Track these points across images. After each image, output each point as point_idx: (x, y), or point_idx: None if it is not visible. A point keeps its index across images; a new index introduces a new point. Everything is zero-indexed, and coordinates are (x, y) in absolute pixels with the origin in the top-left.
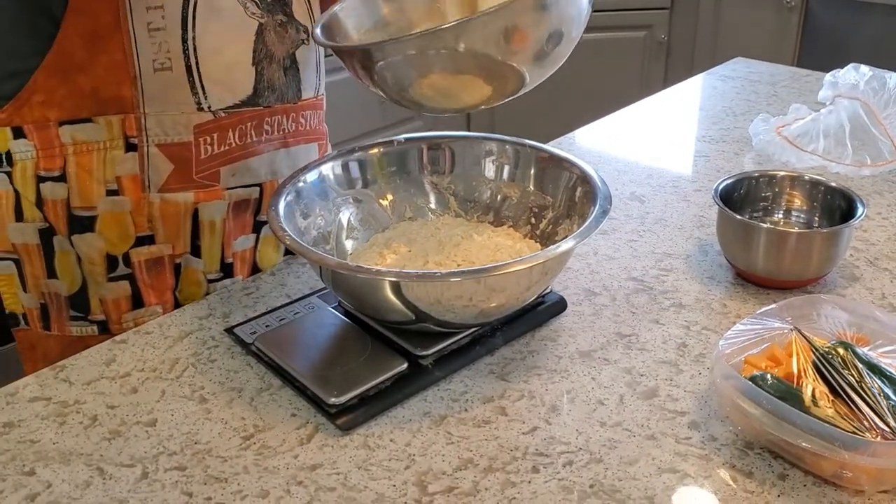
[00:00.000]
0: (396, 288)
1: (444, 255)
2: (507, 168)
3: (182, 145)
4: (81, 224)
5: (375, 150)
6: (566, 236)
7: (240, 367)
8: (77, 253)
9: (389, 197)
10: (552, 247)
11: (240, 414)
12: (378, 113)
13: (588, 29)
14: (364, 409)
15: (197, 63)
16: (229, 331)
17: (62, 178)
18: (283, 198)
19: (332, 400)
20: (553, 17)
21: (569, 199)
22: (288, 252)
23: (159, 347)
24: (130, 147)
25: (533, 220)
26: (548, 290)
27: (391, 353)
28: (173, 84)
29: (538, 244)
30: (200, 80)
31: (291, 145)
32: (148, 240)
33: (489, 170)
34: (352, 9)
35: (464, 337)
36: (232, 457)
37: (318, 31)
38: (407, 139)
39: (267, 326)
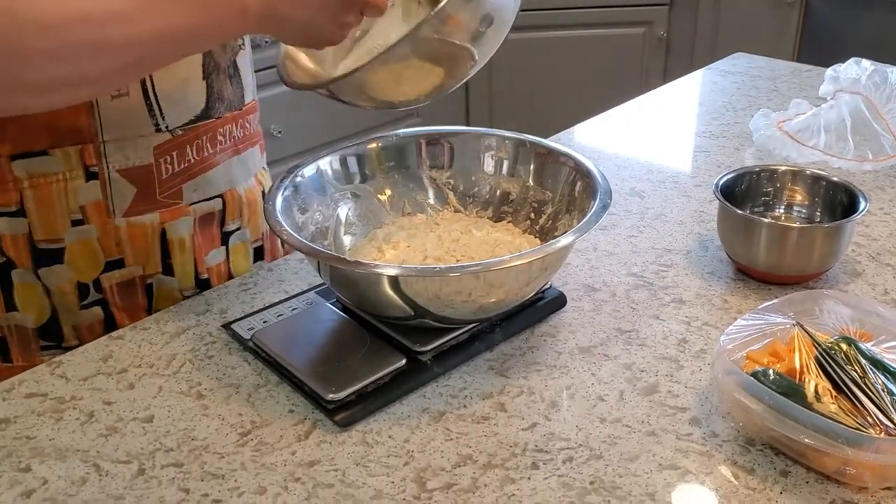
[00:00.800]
0: (395, 283)
1: (442, 250)
2: (506, 163)
3: (143, 168)
4: (49, 257)
5: (374, 145)
6: (566, 231)
7: (237, 363)
8: (45, 285)
9: (388, 192)
10: (552, 242)
11: (237, 410)
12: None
13: (587, 25)
14: (362, 405)
15: (153, 85)
16: (227, 327)
17: (21, 213)
18: (281, 192)
19: (331, 396)
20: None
21: (568, 194)
22: (258, 258)
23: (156, 343)
24: (91, 175)
25: (532, 215)
26: (547, 286)
27: (390, 349)
28: (131, 109)
29: (538, 239)
30: (157, 102)
31: (242, 151)
32: (118, 263)
33: (488, 165)
34: None
35: (463, 333)
36: (229, 453)
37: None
38: (406, 134)
39: (264, 322)
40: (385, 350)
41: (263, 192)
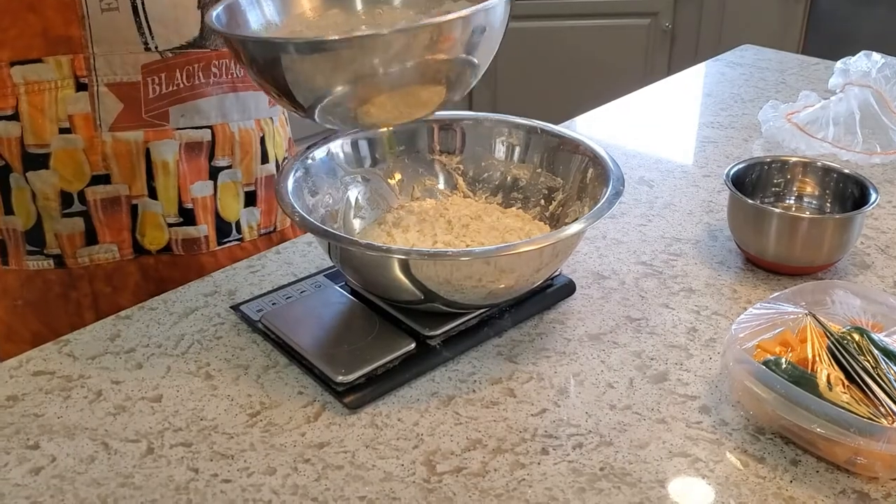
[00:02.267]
0: (406, 266)
1: (452, 235)
2: (517, 149)
3: (130, 85)
4: (36, 161)
5: (385, 129)
6: (576, 218)
7: (246, 344)
8: (32, 189)
9: (398, 176)
10: (564, 228)
11: (246, 391)
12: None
13: (592, 15)
14: (371, 388)
15: (143, 3)
16: (235, 308)
17: (15, 117)
18: (292, 174)
19: (340, 378)
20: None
21: (580, 181)
22: (249, 203)
23: (164, 324)
24: (81, 86)
25: (542, 201)
26: (557, 273)
27: (399, 333)
28: (120, 24)
29: (547, 226)
30: (147, 21)
31: (240, 90)
32: (104, 179)
33: (499, 151)
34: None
35: (472, 318)
36: (238, 434)
37: (214, 14)
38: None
39: (273, 304)
40: (394, 334)
41: (263, 139)
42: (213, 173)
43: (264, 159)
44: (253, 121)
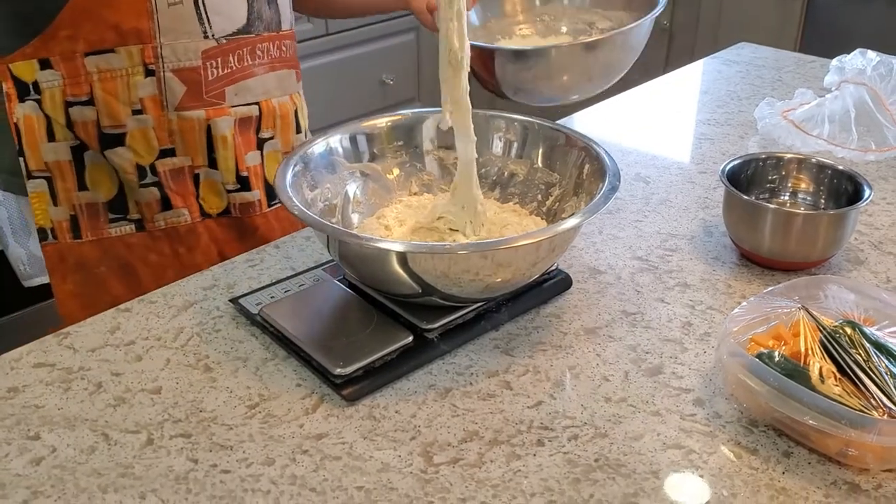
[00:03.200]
0: (403, 260)
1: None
2: (514, 145)
3: (192, 69)
4: (113, 140)
5: (384, 124)
6: (573, 213)
7: (244, 337)
8: (111, 164)
9: (396, 171)
10: (561, 222)
11: (245, 383)
12: (379, 93)
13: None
14: (369, 380)
15: None
16: (234, 301)
17: (90, 102)
18: (291, 168)
19: (338, 371)
20: None
21: (576, 176)
22: None
23: (164, 317)
24: (149, 73)
25: (539, 197)
26: (553, 268)
27: (397, 326)
28: (184, 16)
29: (544, 221)
30: (206, 12)
31: (278, 69)
32: (170, 152)
33: (497, 146)
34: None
35: (469, 312)
36: (237, 425)
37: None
38: (416, 113)
39: (272, 298)
40: (392, 327)
41: (296, 112)
42: (260, 144)
43: (297, 129)
44: (288, 96)
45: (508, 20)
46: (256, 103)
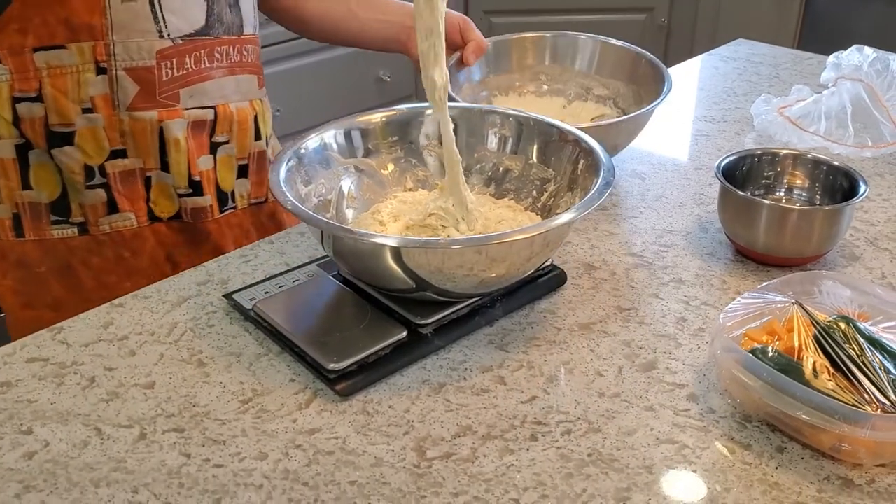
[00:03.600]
0: (397, 255)
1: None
2: (510, 140)
3: (146, 69)
4: (61, 139)
5: (378, 119)
6: (568, 208)
7: (238, 332)
8: (57, 164)
9: (391, 167)
10: (555, 217)
11: (238, 378)
12: (376, 91)
13: (588, 10)
14: (363, 375)
15: None
16: (228, 297)
17: (39, 99)
18: (285, 163)
19: (332, 366)
20: None
21: (571, 172)
22: (241, 175)
23: (157, 312)
24: (101, 70)
25: (534, 192)
26: (548, 263)
27: (391, 322)
28: (138, 14)
29: (539, 216)
30: (161, 11)
31: (238, 73)
32: (121, 153)
33: (492, 142)
34: None
35: (463, 307)
36: (230, 420)
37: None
38: (410, 109)
39: (266, 293)
40: (386, 322)
41: (257, 118)
42: (213, 148)
43: (257, 136)
44: (248, 101)
45: (508, 77)
46: (212, 107)
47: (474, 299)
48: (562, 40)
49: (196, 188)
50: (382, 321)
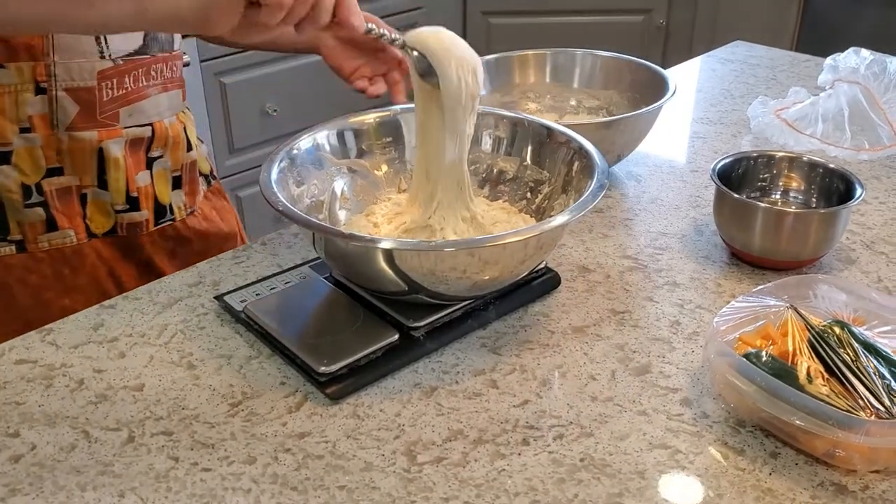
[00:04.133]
0: (390, 257)
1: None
2: (504, 142)
3: (87, 89)
4: None
5: (371, 120)
6: (562, 211)
7: (229, 334)
8: None
9: (384, 168)
10: (548, 220)
11: (228, 381)
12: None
13: (586, 12)
14: (354, 378)
15: None
16: (219, 298)
17: None
18: (277, 164)
19: (322, 369)
20: None
21: (565, 174)
22: (176, 187)
23: (148, 313)
24: (40, 90)
25: (529, 194)
26: (542, 266)
27: (383, 324)
28: (80, 35)
29: (533, 219)
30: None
31: (169, 90)
32: (58, 171)
33: (486, 143)
34: None
35: (456, 310)
36: (219, 423)
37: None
38: (404, 109)
39: (257, 295)
40: (378, 325)
41: (185, 129)
42: (149, 164)
43: (188, 147)
44: (175, 116)
45: (494, 97)
46: (149, 124)
47: (467, 302)
48: (561, 57)
49: (133, 204)
50: (374, 324)
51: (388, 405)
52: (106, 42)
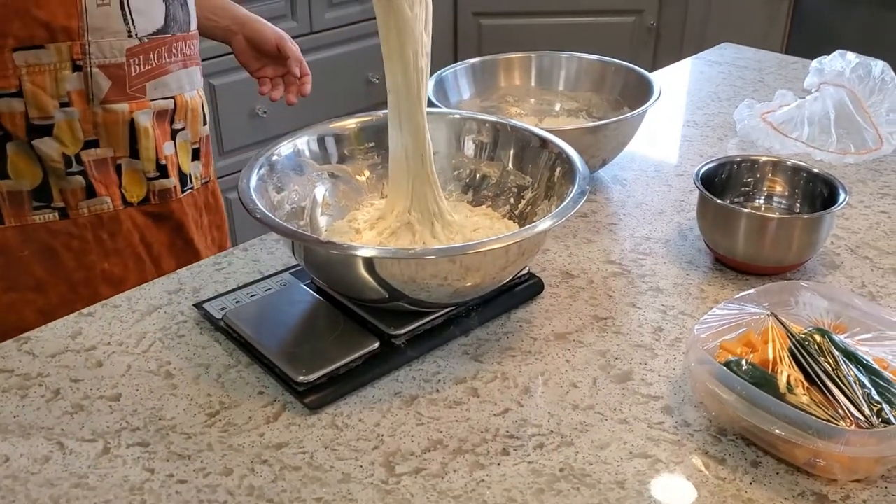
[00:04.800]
0: (370, 265)
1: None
2: (486, 146)
3: (117, 66)
4: (41, 130)
5: (353, 125)
6: (544, 217)
7: (208, 343)
8: (38, 154)
9: (366, 173)
10: (529, 226)
11: (206, 390)
12: (364, 92)
13: (577, 12)
14: (333, 388)
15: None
16: (198, 306)
17: (18, 94)
18: (256, 171)
19: (301, 378)
20: None
21: (548, 179)
22: (195, 158)
23: (127, 321)
24: (76, 68)
25: (512, 200)
26: (525, 272)
27: (363, 332)
28: (111, 16)
29: (516, 224)
30: (130, 13)
31: (188, 66)
32: (94, 143)
33: (469, 148)
34: None
35: (438, 317)
36: (196, 433)
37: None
38: (386, 114)
39: (237, 302)
40: (359, 333)
41: (203, 105)
42: (173, 135)
43: (204, 121)
44: (196, 90)
45: (474, 101)
46: (172, 97)
47: (449, 308)
48: (546, 59)
49: (162, 171)
50: (355, 332)
51: (368, 415)
52: (133, 22)
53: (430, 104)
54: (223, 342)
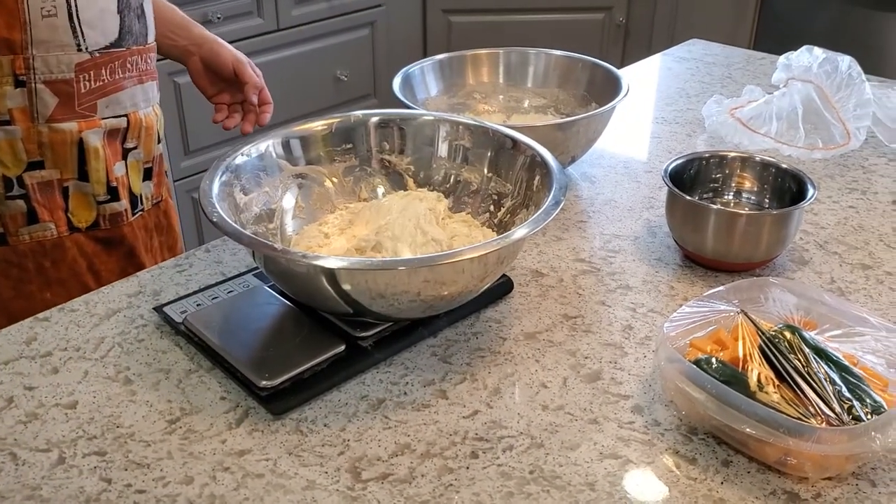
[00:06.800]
0: (333, 277)
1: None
2: (461, 149)
3: (65, 82)
4: None
5: (320, 127)
6: (520, 226)
7: (168, 347)
8: None
9: (340, 175)
10: (502, 236)
11: (166, 396)
12: (333, 90)
13: (547, 9)
14: (298, 392)
15: (77, 10)
16: (159, 309)
17: None
18: (219, 174)
19: (264, 383)
20: None
21: (526, 186)
22: (146, 178)
23: (84, 326)
24: (19, 83)
25: (492, 207)
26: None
27: (328, 335)
28: (58, 29)
29: (494, 232)
30: (80, 25)
31: (144, 81)
32: (39, 165)
33: (443, 150)
34: None
35: (406, 319)
36: (156, 441)
37: None
38: (357, 115)
39: (198, 305)
40: (324, 335)
41: (158, 121)
42: (125, 154)
43: (158, 139)
44: (151, 107)
45: (442, 98)
46: (125, 115)
47: None
48: (514, 56)
49: (113, 194)
50: (320, 334)
51: (333, 419)
52: (83, 35)
53: (398, 102)
54: (184, 346)
